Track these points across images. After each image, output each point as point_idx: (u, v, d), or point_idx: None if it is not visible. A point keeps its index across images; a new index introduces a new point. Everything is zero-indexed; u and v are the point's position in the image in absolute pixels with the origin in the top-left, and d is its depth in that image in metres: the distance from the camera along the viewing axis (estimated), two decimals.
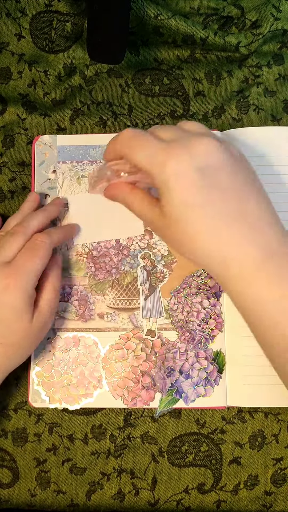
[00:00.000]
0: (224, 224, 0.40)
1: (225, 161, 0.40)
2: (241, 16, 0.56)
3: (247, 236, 0.39)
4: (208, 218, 0.40)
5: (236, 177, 0.40)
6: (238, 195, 0.40)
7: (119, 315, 0.54)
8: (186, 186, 0.39)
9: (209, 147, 0.40)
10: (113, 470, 0.53)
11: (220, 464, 0.53)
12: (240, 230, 0.40)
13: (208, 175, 0.39)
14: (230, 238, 0.40)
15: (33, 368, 0.53)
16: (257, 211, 0.40)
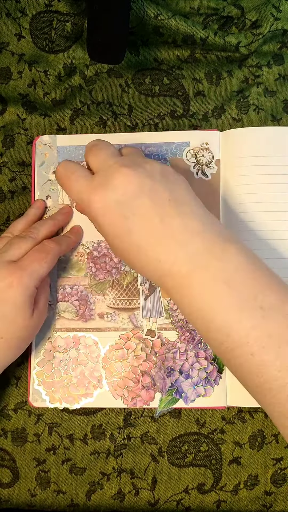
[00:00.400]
0: (151, 245, 0.43)
1: (141, 187, 0.43)
2: (241, 16, 0.56)
3: (174, 252, 0.42)
4: (135, 245, 0.43)
5: (155, 199, 0.43)
6: (160, 215, 0.43)
7: (119, 315, 0.54)
8: (111, 220, 0.43)
9: (124, 179, 0.43)
10: (113, 470, 0.53)
11: (220, 464, 0.53)
12: (167, 247, 0.42)
13: (127, 205, 0.43)
14: (159, 256, 0.43)
15: (34, 368, 0.53)
16: (182, 225, 0.43)
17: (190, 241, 0.42)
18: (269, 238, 0.52)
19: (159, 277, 0.44)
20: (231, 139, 0.54)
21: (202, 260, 0.42)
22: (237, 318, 0.40)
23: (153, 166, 0.45)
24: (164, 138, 0.55)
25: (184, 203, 0.44)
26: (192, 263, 0.42)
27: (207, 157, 0.54)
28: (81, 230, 0.54)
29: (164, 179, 0.44)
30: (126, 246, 0.44)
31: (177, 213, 0.43)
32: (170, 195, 0.43)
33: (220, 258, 0.41)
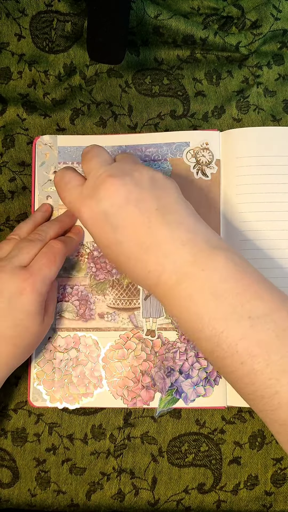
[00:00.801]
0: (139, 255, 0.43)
1: (127, 197, 0.43)
2: (241, 16, 0.56)
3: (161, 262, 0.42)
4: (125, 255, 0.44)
5: (142, 208, 0.43)
6: (146, 225, 0.42)
7: (119, 315, 0.54)
8: (100, 231, 0.44)
9: (110, 190, 0.43)
10: (112, 470, 0.53)
11: (220, 464, 0.53)
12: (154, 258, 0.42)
13: (115, 216, 0.43)
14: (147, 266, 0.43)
15: (34, 367, 0.53)
16: (168, 235, 0.42)
17: (176, 251, 0.42)
18: (269, 238, 0.52)
19: (150, 287, 0.44)
20: (231, 139, 0.54)
21: (188, 270, 0.41)
22: (225, 328, 0.39)
23: (141, 174, 0.44)
24: (164, 138, 0.55)
25: (171, 211, 0.43)
26: (178, 274, 0.41)
27: (207, 157, 0.54)
28: (82, 231, 0.54)
29: (152, 186, 0.44)
30: (116, 256, 0.44)
31: (164, 222, 0.42)
32: (158, 203, 0.43)
33: (207, 268, 0.41)
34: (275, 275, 0.51)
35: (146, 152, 0.55)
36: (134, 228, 0.43)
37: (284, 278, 0.52)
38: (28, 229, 0.52)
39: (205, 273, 0.41)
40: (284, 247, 0.52)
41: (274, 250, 0.52)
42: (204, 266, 0.41)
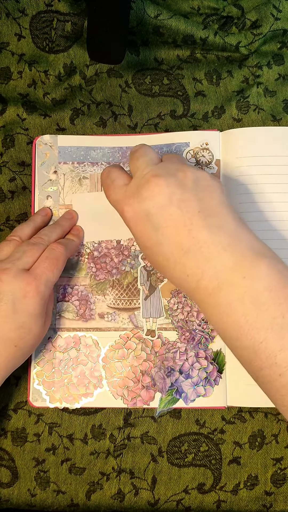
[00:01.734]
0: (178, 258, 0.42)
1: (170, 197, 0.42)
2: (241, 16, 0.56)
3: (201, 267, 0.41)
4: (164, 257, 0.43)
5: (184, 209, 0.42)
6: (187, 227, 0.42)
7: (119, 315, 0.54)
8: (142, 231, 0.44)
9: (154, 190, 0.42)
10: (112, 470, 0.53)
11: (220, 464, 0.53)
12: (194, 261, 0.42)
13: (157, 216, 0.42)
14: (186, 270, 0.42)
15: (34, 368, 0.53)
16: (209, 239, 0.41)
17: (217, 256, 0.41)
18: (270, 238, 0.52)
19: (188, 291, 0.43)
20: (231, 139, 0.54)
21: (228, 276, 0.40)
22: (265, 338, 0.39)
23: (185, 174, 0.43)
24: (164, 139, 0.55)
25: (214, 214, 0.42)
26: (218, 280, 0.41)
27: (207, 157, 0.54)
28: (82, 232, 0.54)
29: (196, 187, 0.43)
30: (156, 258, 0.44)
31: (206, 225, 0.42)
32: (200, 205, 0.42)
33: (248, 275, 0.40)
34: None
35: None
36: (175, 230, 0.42)
37: None
38: (29, 231, 0.52)
39: (246, 281, 0.40)
40: (285, 247, 0.52)
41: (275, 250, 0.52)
42: (246, 273, 0.40)
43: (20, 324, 0.46)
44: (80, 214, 0.55)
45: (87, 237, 0.55)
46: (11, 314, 0.46)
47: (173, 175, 0.43)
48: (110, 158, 0.55)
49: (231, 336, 0.41)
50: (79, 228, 0.54)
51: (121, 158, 0.55)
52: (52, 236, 0.51)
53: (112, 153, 0.55)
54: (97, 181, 0.55)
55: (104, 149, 0.55)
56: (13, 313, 0.46)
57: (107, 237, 0.55)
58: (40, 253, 0.49)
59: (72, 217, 0.55)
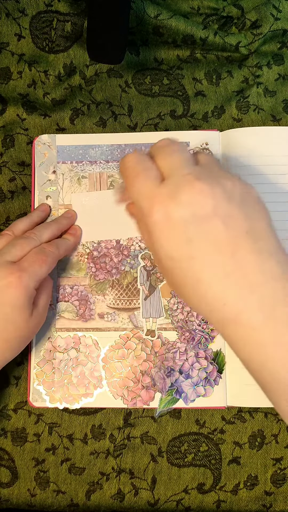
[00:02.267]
0: (216, 281, 0.36)
1: (215, 209, 0.36)
2: (241, 16, 0.56)
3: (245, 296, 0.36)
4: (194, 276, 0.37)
5: (228, 225, 0.36)
6: (232, 247, 0.36)
7: (119, 315, 0.54)
8: (171, 239, 0.37)
9: (197, 196, 0.36)
10: (112, 470, 0.53)
11: (220, 464, 0.53)
12: (237, 289, 0.36)
13: (195, 227, 0.36)
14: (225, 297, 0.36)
15: (34, 368, 0.53)
16: (258, 265, 0.36)
17: (266, 286, 0.35)
18: None
19: (220, 322, 0.37)
20: (231, 139, 0.54)
21: (280, 311, 0.35)
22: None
23: (234, 185, 0.38)
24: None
25: (263, 238, 0.37)
26: (266, 314, 0.35)
27: None
28: (79, 232, 0.54)
29: (244, 203, 0.37)
30: (182, 274, 0.37)
31: (254, 249, 0.36)
32: (249, 225, 0.37)
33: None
34: None
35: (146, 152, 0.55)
36: (217, 247, 0.36)
37: None
38: (23, 227, 0.52)
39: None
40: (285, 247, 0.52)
41: None
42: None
43: (2, 316, 0.46)
44: (79, 214, 0.55)
45: (86, 237, 0.55)
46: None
47: (220, 184, 0.37)
48: (109, 156, 0.55)
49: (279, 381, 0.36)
50: (76, 227, 0.54)
51: (120, 156, 0.55)
52: (44, 232, 0.51)
53: (111, 151, 0.55)
54: (96, 180, 0.55)
55: (103, 147, 0.55)
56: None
57: (106, 237, 0.54)
58: (30, 247, 0.49)
59: (71, 216, 0.54)
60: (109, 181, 0.55)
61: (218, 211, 0.36)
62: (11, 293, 0.46)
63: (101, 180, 0.55)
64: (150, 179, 0.39)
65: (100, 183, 0.55)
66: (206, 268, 0.36)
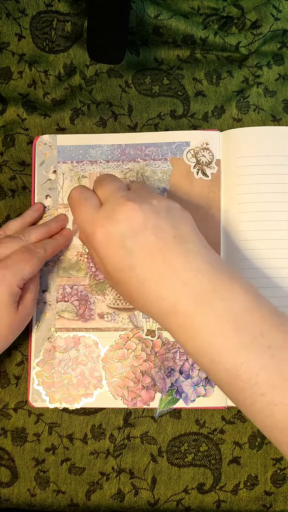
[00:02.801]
0: (154, 281, 0.42)
1: (146, 222, 0.42)
2: (241, 16, 0.56)
3: (178, 290, 0.42)
4: (137, 281, 0.43)
5: (158, 234, 0.42)
6: (163, 252, 0.42)
7: (119, 315, 0.54)
8: (114, 253, 0.43)
9: (129, 213, 0.43)
10: (112, 470, 0.53)
11: (220, 464, 0.53)
12: (171, 285, 0.42)
13: (131, 240, 0.42)
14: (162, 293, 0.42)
15: (34, 368, 0.53)
16: (186, 263, 0.42)
17: (194, 280, 0.41)
18: (270, 238, 0.52)
19: (163, 316, 0.43)
20: (231, 139, 0.54)
21: (206, 299, 0.41)
22: (246, 358, 0.39)
23: (159, 202, 0.44)
24: (164, 138, 0.55)
25: (188, 240, 0.43)
26: (196, 303, 0.41)
27: (208, 157, 0.54)
28: (70, 234, 0.55)
29: (170, 215, 0.44)
30: (128, 281, 0.44)
31: (181, 250, 0.42)
32: (175, 232, 0.43)
33: (226, 298, 0.41)
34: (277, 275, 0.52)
35: (146, 151, 0.55)
36: (151, 254, 0.42)
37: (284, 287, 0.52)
38: (15, 227, 0.53)
39: (224, 303, 0.40)
40: (285, 246, 0.52)
41: (274, 250, 0.52)
42: (223, 296, 0.41)
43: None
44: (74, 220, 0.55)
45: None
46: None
47: (148, 202, 0.44)
48: (109, 156, 0.55)
49: (210, 360, 0.41)
50: (68, 231, 0.55)
51: (120, 156, 0.55)
52: (33, 233, 0.52)
53: (111, 151, 0.55)
54: None
55: (103, 147, 0.55)
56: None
57: None
58: (16, 247, 0.50)
59: (61, 219, 0.55)
60: None
61: (148, 223, 0.42)
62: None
63: None
64: (90, 207, 0.46)
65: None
66: (145, 273, 0.42)
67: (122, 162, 0.55)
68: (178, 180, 0.54)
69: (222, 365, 0.40)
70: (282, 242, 0.52)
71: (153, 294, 0.42)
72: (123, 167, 0.55)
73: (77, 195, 0.48)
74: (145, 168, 0.55)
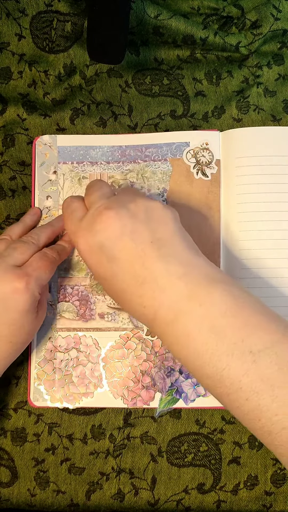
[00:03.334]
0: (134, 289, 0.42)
1: (122, 229, 0.42)
2: (241, 16, 0.56)
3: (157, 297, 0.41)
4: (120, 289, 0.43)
5: (136, 240, 0.42)
6: (141, 258, 0.42)
7: (119, 315, 0.54)
8: (95, 261, 0.44)
9: (105, 222, 0.43)
10: (112, 470, 0.53)
11: (220, 464, 0.53)
12: (150, 292, 0.42)
13: (110, 248, 0.42)
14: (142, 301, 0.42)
15: (35, 368, 0.53)
16: (163, 269, 0.41)
17: (172, 286, 0.41)
18: (270, 238, 0.52)
19: (147, 322, 0.43)
20: (231, 139, 0.54)
21: (185, 305, 0.40)
22: (227, 365, 0.38)
23: (137, 205, 0.44)
24: (164, 138, 0.55)
25: (167, 244, 0.43)
26: (175, 310, 0.40)
27: (207, 157, 0.54)
28: None
29: (148, 218, 0.43)
30: (113, 289, 0.44)
31: (159, 255, 0.42)
32: (153, 236, 0.43)
33: (204, 303, 0.40)
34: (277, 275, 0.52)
35: (146, 153, 0.55)
36: (130, 261, 0.42)
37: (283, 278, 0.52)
38: (19, 230, 0.53)
39: (202, 309, 0.40)
40: (285, 246, 0.52)
41: (274, 250, 0.52)
42: (202, 301, 0.40)
43: (11, 321, 0.47)
44: None
45: None
46: (2, 311, 0.46)
47: (125, 207, 0.43)
48: (110, 157, 0.55)
49: (194, 365, 0.40)
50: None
51: (121, 157, 0.55)
52: (42, 235, 0.52)
53: (112, 152, 0.55)
54: None
55: (104, 148, 0.55)
56: (4, 310, 0.46)
57: None
58: (30, 251, 0.50)
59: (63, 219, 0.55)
60: (109, 182, 0.55)
61: (125, 230, 0.42)
62: (18, 299, 0.46)
63: None
64: (74, 219, 0.46)
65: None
66: (126, 281, 0.42)
67: (123, 163, 0.55)
68: (178, 180, 0.54)
69: (205, 371, 0.39)
70: (282, 242, 0.52)
71: (135, 302, 0.42)
72: (123, 168, 0.55)
73: (64, 209, 0.48)
74: (145, 169, 0.55)
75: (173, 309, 0.41)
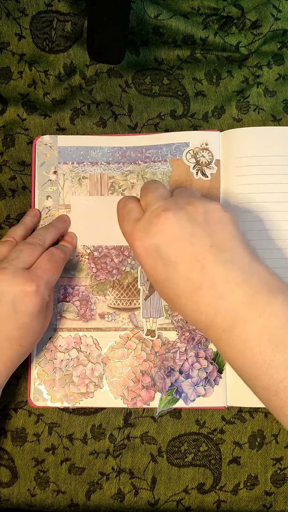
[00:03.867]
0: (190, 295, 0.41)
1: (180, 232, 0.41)
2: (241, 16, 0.56)
3: (214, 304, 0.40)
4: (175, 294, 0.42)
5: (194, 243, 0.41)
6: (200, 262, 0.41)
7: (119, 315, 0.54)
8: (151, 265, 0.43)
9: (163, 225, 0.42)
10: (112, 470, 0.53)
11: (220, 464, 0.53)
12: (207, 299, 0.41)
13: (167, 252, 0.41)
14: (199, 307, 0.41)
15: (35, 368, 0.54)
16: (222, 275, 0.40)
17: (230, 293, 0.40)
18: (270, 238, 0.52)
19: (203, 329, 0.42)
20: (231, 139, 0.54)
21: (243, 313, 0.39)
22: (284, 377, 0.37)
23: (195, 208, 0.42)
24: (164, 139, 0.55)
25: (226, 249, 0.41)
26: (233, 317, 0.39)
27: (207, 157, 0.54)
28: (75, 239, 0.55)
29: (207, 221, 0.42)
30: (167, 293, 0.43)
31: (218, 260, 0.41)
32: (212, 240, 0.41)
33: (264, 313, 0.39)
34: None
35: (146, 154, 0.55)
36: (187, 265, 0.41)
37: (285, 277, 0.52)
38: (21, 233, 0.53)
39: (262, 319, 0.39)
40: (285, 247, 0.52)
41: (275, 250, 0.52)
42: (261, 310, 0.39)
43: (21, 324, 0.47)
44: (79, 217, 0.55)
45: (84, 241, 0.55)
46: (12, 314, 0.46)
47: (183, 209, 0.42)
48: (110, 158, 0.55)
49: (249, 375, 0.40)
50: (72, 235, 0.55)
51: (121, 158, 0.55)
52: (47, 237, 0.52)
53: (112, 153, 0.55)
54: (97, 181, 0.55)
55: (104, 149, 0.55)
56: (14, 313, 0.46)
57: (104, 242, 0.55)
58: (37, 253, 0.50)
59: (66, 220, 0.55)
60: (110, 182, 0.55)
61: (183, 233, 0.41)
62: (29, 302, 0.46)
63: (102, 181, 0.55)
64: (130, 220, 0.45)
65: (101, 184, 0.55)
66: (180, 285, 0.41)
67: (123, 164, 0.55)
68: (177, 181, 0.54)
69: (261, 382, 0.39)
70: (282, 242, 0.52)
71: (190, 307, 0.42)
72: (123, 169, 0.55)
73: (120, 208, 0.47)
74: (146, 170, 0.55)
75: (231, 316, 0.40)
